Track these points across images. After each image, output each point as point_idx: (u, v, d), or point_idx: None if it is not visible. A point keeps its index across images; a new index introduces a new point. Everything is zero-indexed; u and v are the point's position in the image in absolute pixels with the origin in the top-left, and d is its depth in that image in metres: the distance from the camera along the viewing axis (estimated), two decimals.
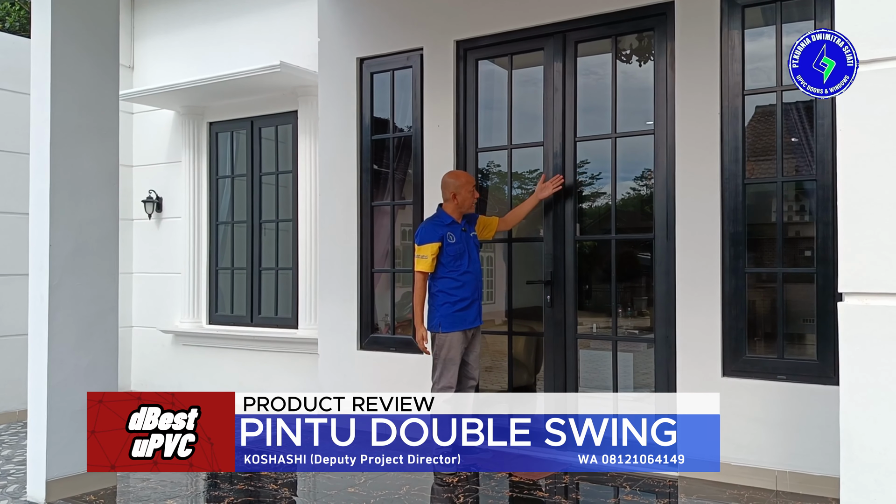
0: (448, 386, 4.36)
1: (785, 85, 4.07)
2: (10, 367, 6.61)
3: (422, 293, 4.48)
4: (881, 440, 1.79)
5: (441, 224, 4.49)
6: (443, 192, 4.60)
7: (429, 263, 4.43)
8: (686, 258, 4.26)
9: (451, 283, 4.43)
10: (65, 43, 4.07)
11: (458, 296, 4.43)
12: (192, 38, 7.16)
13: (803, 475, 3.88)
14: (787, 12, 4.06)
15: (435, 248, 4.42)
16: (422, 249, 4.44)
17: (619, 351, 4.60)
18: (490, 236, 4.79)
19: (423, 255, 4.43)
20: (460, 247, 4.48)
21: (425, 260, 4.43)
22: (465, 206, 4.53)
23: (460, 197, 4.51)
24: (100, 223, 4.23)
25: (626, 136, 4.60)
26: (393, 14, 5.39)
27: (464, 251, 4.48)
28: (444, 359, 4.40)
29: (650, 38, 4.54)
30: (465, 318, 4.43)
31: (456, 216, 4.53)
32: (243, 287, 6.99)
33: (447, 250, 4.44)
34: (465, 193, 4.52)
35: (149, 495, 4.08)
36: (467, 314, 4.45)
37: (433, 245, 4.42)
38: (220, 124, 7.11)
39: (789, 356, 4.08)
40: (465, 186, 4.52)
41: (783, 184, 4.14)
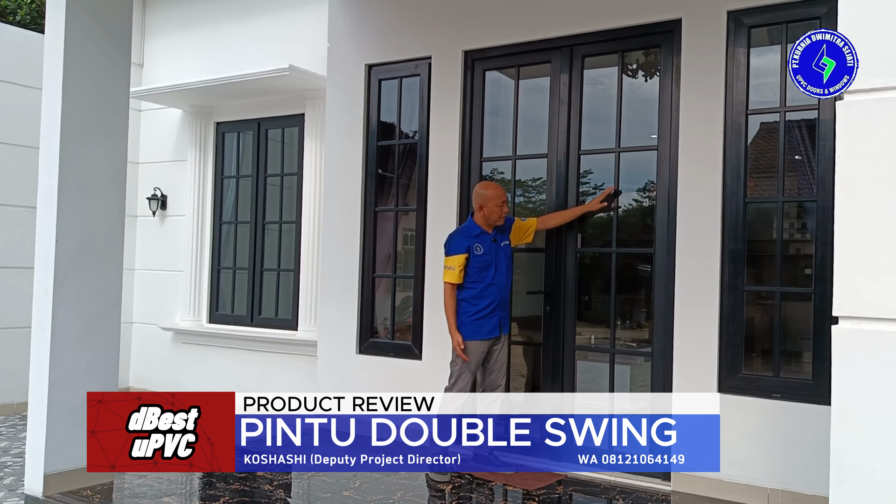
0: (462, 392, 4.40)
1: (789, 105, 4.11)
2: (10, 360, 6.65)
3: (453, 303, 4.46)
4: (870, 461, 1.82)
5: (469, 235, 4.50)
6: (473, 201, 4.61)
7: (456, 275, 4.44)
8: (685, 273, 4.29)
9: (472, 292, 4.45)
10: (78, 41, 4.11)
11: (479, 305, 4.44)
12: (202, 37, 7.21)
13: (795, 493, 3.91)
14: (792, 33, 4.09)
15: (462, 260, 4.43)
16: (450, 261, 4.46)
17: (616, 363, 4.63)
18: (530, 239, 4.75)
19: (451, 267, 4.45)
20: (487, 258, 4.49)
21: (453, 272, 4.45)
22: (492, 219, 4.51)
23: (486, 210, 4.50)
24: (106, 220, 4.26)
25: (629, 151, 4.63)
26: (402, 22, 5.43)
27: (490, 263, 4.49)
28: (460, 365, 4.44)
29: (656, 54, 4.58)
30: (485, 326, 4.45)
31: (485, 226, 4.53)
32: (244, 287, 7.02)
33: (473, 262, 4.45)
34: (493, 206, 4.49)
35: (145, 492, 4.11)
36: (487, 323, 4.46)
37: (460, 257, 4.43)
38: (227, 124, 7.15)
39: (785, 375, 4.11)
40: (492, 200, 4.50)
41: (784, 203, 4.18)
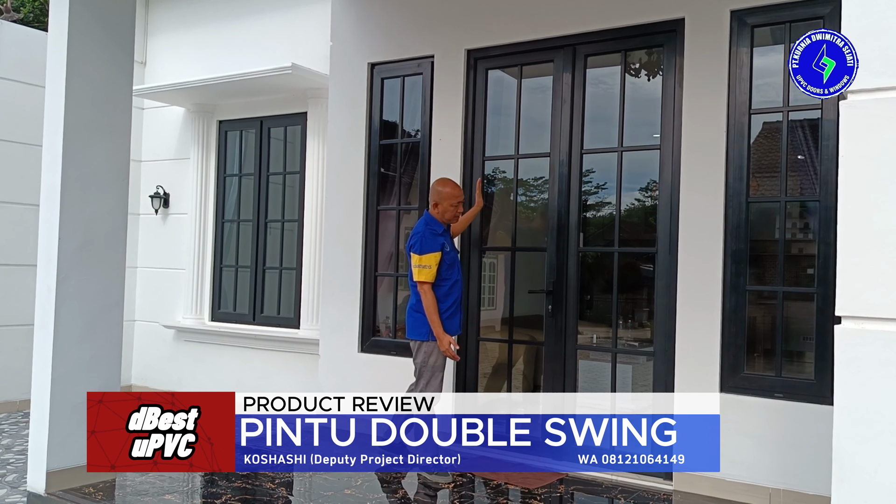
0: (436, 392, 4.32)
1: (792, 105, 4.10)
2: (12, 357, 6.66)
3: (435, 303, 4.30)
4: (872, 462, 1.82)
5: (438, 232, 4.40)
6: (430, 196, 4.51)
7: (433, 273, 4.30)
8: (688, 273, 4.29)
9: (442, 290, 4.35)
10: (81, 39, 4.12)
11: (447, 303, 4.37)
12: (204, 36, 7.21)
13: (797, 493, 3.90)
14: (795, 33, 4.09)
15: (438, 258, 4.30)
16: (427, 259, 4.28)
17: (618, 363, 4.63)
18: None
19: (428, 265, 4.28)
20: (453, 255, 4.44)
21: (430, 270, 4.29)
22: (446, 217, 4.41)
23: (441, 207, 4.39)
24: (109, 219, 4.27)
25: (632, 151, 4.63)
26: (405, 21, 5.43)
27: (454, 260, 4.45)
28: (431, 366, 4.35)
29: (659, 53, 4.58)
30: (451, 325, 4.39)
31: (445, 224, 4.46)
32: (247, 285, 7.03)
33: (444, 259, 4.34)
34: (447, 205, 4.39)
35: (147, 489, 4.11)
36: (454, 321, 4.41)
37: (436, 255, 4.29)
38: (229, 123, 7.16)
39: (787, 375, 4.11)
40: (448, 199, 4.39)
41: (786, 203, 4.17)
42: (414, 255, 4.33)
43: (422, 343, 4.39)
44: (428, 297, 4.29)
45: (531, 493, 4.15)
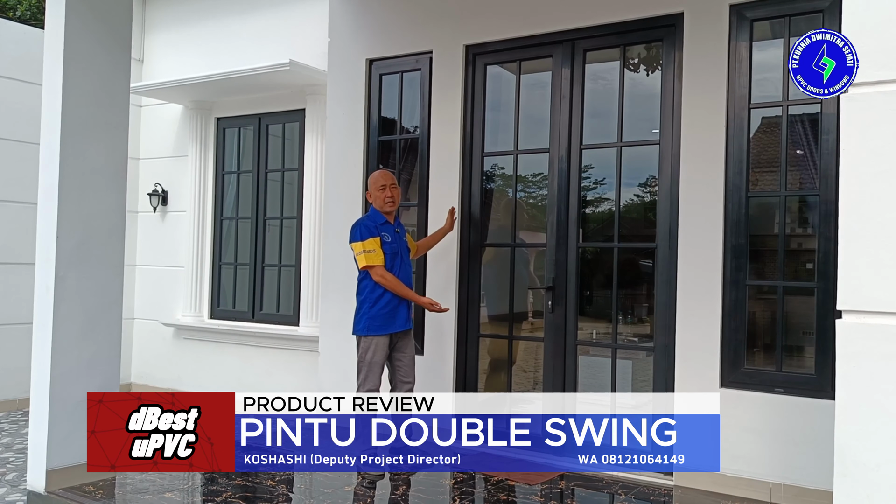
0: (373, 389, 4.31)
1: (791, 99, 4.09)
2: (12, 356, 6.65)
3: (394, 277, 4.32)
4: (874, 456, 1.81)
5: (375, 223, 4.41)
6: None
7: (380, 256, 4.30)
8: (687, 268, 4.28)
9: (378, 285, 4.34)
10: (78, 36, 4.10)
11: (385, 299, 4.35)
12: (202, 33, 7.19)
13: (798, 488, 3.90)
14: (794, 27, 4.08)
15: (378, 241, 4.32)
16: (365, 244, 4.31)
17: (618, 358, 4.62)
18: (413, 258, 4.72)
19: (371, 249, 4.31)
20: (395, 246, 4.42)
21: (374, 254, 4.31)
22: (378, 204, 4.46)
23: (371, 196, 4.50)
24: (107, 217, 4.26)
25: (631, 146, 4.62)
26: (403, 17, 5.41)
27: (397, 251, 4.42)
28: (368, 362, 4.33)
29: (658, 48, 4.56)
30: (390, 321, 4.36)
31: (388, 216, 4.47)
32: (246, 283, 7.02)
33: (384, 249, 4.35)
34: (373, 190, 4.48)
35: (147, 487, 4.11)
36: (393, 317, 4.37)
37: (375, 239, 4.33)
38: (227, 120, 7.14)
39: (787, 369, 4.10)
40: (373, 184, 4.49)
41: (786, 198, 4.17)
42: (355, 244, 4.37)
43: (360, 338, 4.39)
44: (387, 277, 4.32)
45: (532, 490, 4.15)
